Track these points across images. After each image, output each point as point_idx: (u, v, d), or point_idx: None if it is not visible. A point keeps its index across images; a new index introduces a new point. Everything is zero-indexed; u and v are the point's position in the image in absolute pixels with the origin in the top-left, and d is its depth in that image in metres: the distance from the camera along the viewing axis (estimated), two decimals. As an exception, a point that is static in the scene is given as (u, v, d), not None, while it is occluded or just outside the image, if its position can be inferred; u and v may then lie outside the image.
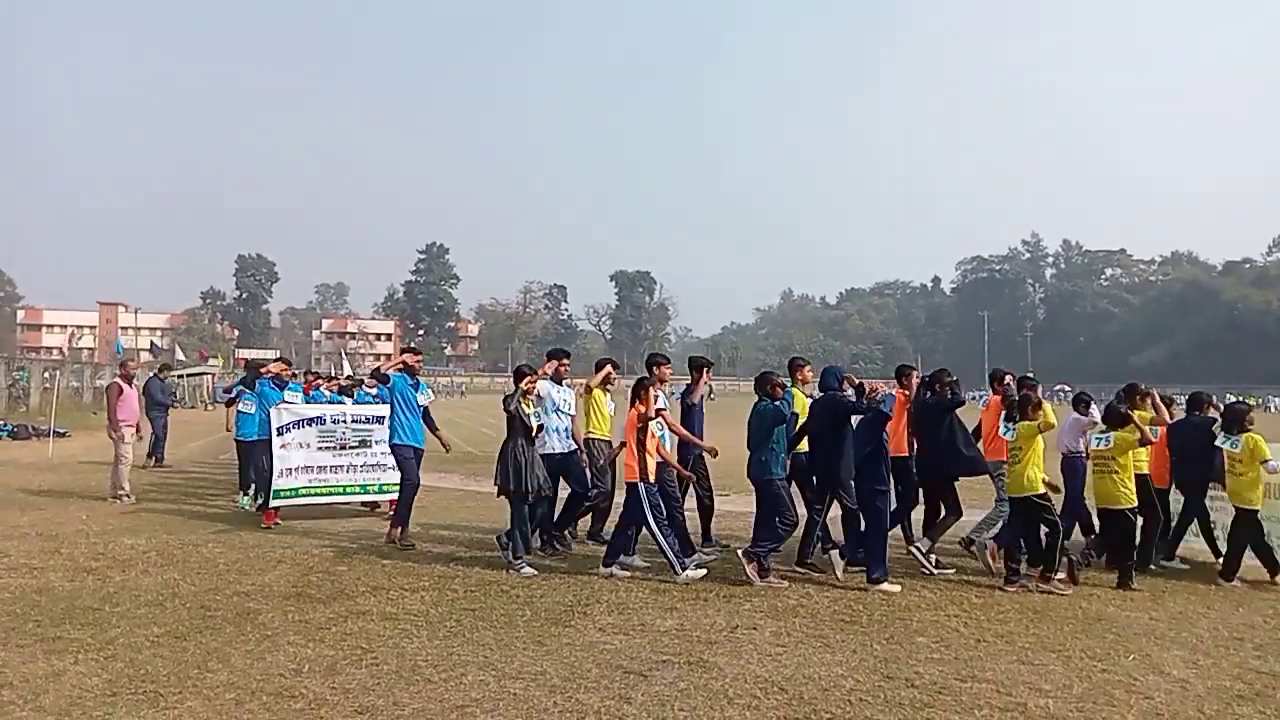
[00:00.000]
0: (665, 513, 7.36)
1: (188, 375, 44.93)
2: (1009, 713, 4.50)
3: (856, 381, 7.86)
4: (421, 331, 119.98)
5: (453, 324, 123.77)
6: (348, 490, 10.14)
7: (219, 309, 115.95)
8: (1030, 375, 8.39)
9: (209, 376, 48.58)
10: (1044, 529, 7.32)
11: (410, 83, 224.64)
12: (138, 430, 12.21)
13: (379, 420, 10.01)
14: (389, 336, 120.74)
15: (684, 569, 7.15)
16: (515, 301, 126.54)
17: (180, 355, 57.20)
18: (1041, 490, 7.31)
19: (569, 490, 8.61)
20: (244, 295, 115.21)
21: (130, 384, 12.21)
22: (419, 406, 8.86)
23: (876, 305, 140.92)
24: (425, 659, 5.16)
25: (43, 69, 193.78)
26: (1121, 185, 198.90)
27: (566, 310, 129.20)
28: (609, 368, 8.68)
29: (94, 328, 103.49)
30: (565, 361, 8.68)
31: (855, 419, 7.50)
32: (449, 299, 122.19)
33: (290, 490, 9.65)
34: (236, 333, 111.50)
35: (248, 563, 7.72)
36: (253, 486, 10.71)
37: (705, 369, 8.65)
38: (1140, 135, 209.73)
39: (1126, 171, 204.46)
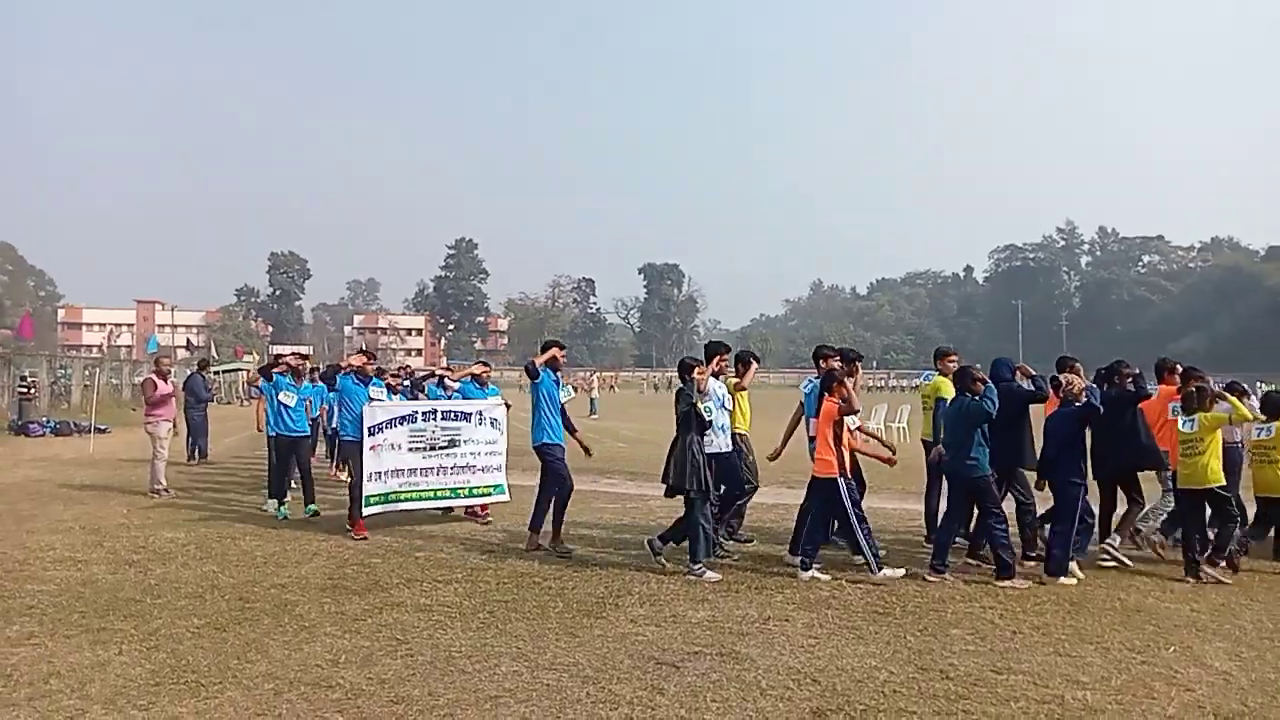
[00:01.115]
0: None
1: (223, 371, 45.67)
2: (1046, 705, 4.44)
3: (1032, 372, 7.87)
4: (452, 326, 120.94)
5: (482, 319, 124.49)
6: (438, 495, 9.35)
7: (253, 306, 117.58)
8: (1195, 368, 8.22)
9: (244, 372, 49.34)
10: (1218, 519, 7.28)
11: (436, 79, 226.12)
12: (174, 425, 12.36)
13: (466, 417, 9.56)
14: (420, 332, 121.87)
15: (881, 568, 6.97)
16: (544, 295, 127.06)
17: (214, 353, 58.10)
18: (1223, 481, 7.21)
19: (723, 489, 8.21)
20: (277, 292, 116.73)
21: (165, 379, 12.27)
22: (560, 404, 8.40)
23: (907, 295, 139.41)
24: (459, 650, 5.21)
25: (79, 72, 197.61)
26: (1158, 171, 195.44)
27: (595, 303, 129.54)
28: (754, 364, 8.47)
29: (132, 325, 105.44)
30: (727, 357, 8.27)
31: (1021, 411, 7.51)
32: (478, 294, 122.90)
33: (381, 496, 8.89)
34: (270, 329, 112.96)
35: (284, 555, 7.84)
36: (286, 491, 10.28)
37: (857, 362, 8.46)
38: (1178, 119, 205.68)
39: (1164, 157, 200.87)
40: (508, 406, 10.02)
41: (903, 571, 6.99)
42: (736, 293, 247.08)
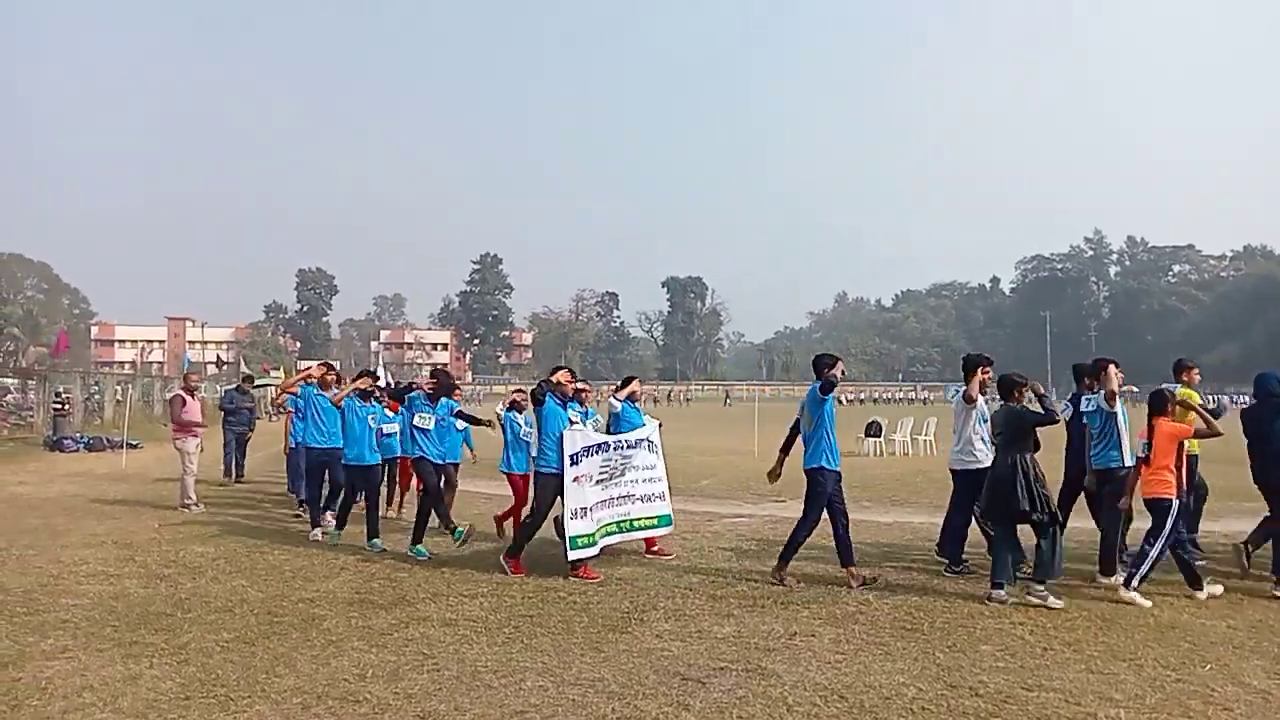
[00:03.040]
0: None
1: (258, 386, 46.17)
2: (1078, 723, 4.38)
3: None
4: (477, 341, 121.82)
5: (507, 333, 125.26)
6: (609, 531, 8.08)
7: (281, 322, 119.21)
8: None
9: (272, 388, 49.81)
10: None
11: (459, 94, 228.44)
12: (202, 442, 12.41)
13: (639, 444, 8.55)
14: (445, 346, 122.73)
15: (1133, 586, 6.75)
16: (568, 309, 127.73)
17: (245, 367, 58.78)
18: None
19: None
20: (305, 308, 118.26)
21: (193, 396, 12.36)
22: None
23: (933, 307, 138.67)
24: (485, 664, 5.22)
25: (108, 90, 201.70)
26: (1188, 180, 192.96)
27: (619, 317, 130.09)
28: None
29: (163, 342, 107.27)
30: (989, 370, 7.76)
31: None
32: (503, 308, 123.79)
33: (588, 537, 7.70)
34: (298, 345, 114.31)
35: (312, 570, 7.91)
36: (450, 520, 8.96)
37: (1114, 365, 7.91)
38: (1206, 128, 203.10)
39: (1193, 166, 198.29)
40: (660, 425, 9.26)
41: (1221, 589, 6.81)
42: (760, 305, 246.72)
